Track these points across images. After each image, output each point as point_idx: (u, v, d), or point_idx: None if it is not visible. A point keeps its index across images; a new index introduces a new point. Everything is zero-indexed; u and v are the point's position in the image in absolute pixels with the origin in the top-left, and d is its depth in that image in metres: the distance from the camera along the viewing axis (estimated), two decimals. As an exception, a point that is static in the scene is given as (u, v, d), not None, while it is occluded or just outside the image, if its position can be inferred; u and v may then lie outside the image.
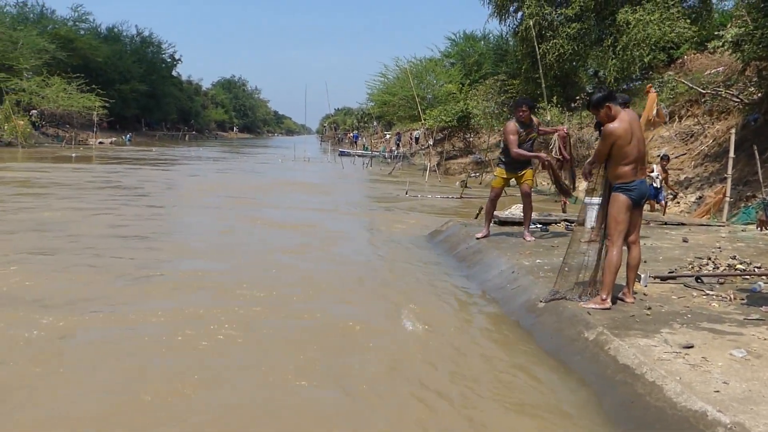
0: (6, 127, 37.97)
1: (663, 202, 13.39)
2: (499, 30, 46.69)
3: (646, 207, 13.28)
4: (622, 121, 5.39)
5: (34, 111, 43.10)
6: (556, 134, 9.01)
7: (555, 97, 22.06)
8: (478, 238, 8.88)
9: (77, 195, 15.11)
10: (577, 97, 23.45)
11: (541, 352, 5.22)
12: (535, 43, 16.42)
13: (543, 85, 13.84)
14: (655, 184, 12.62)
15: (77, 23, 60.98)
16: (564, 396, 4.43)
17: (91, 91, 46.79)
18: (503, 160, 8.84)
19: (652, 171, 12.77)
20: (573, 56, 24.69)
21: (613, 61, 22.63)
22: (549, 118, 15.79)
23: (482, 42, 40.54)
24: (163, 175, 23.54)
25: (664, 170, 13.49)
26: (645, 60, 21.64)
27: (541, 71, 14.17)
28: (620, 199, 5.46)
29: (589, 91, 26.95)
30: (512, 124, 8.51)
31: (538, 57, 15.34)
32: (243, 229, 11.16)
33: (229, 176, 25.03)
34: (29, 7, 58.17)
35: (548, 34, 24.31)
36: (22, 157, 29.37)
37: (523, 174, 8.70)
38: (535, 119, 8.70)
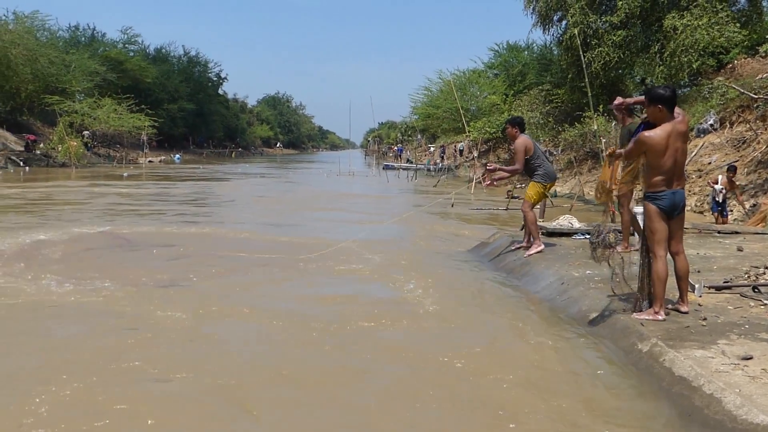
0: (60, 148, 39.03)
1: (727, 216, 12.70)
2: (542, 39, 46.22)
3: (710, 219, 12.93)
4: (661, 131, 5.29)
5: (86, 132, 44.23)
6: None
7: (601, 106, 21.81)
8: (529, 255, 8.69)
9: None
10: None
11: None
12: (580, 52, 16.24)
13: (589, 94, 13.65)
14: (718, 198, 12.23)
15: (127, 45, 62.57)
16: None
17: (140, 111, 47.86)
18: (539, 173, 8.80)
19: (716, 182, 12.35)
20: (619, 64, 24.38)
21: (661, 67, 22.28)
22: (596, 128, 15.58)
23: (526, 52, 40.38)
24: (237, 188, 25.62)
25: (731, 182, 12.84)
26: (693, 66, 21.24)
27: (586, 80, 13.97)
28: (649, 209, 5.40)
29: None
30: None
31: (584, 66, 15.15)
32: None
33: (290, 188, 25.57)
34: (81, 31, 60.03)
35: (593, 42, 24.07)
36: (77, 176, 30.10)
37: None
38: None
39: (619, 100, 5.98)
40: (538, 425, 4.04)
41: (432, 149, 57.44)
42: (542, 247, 8.74)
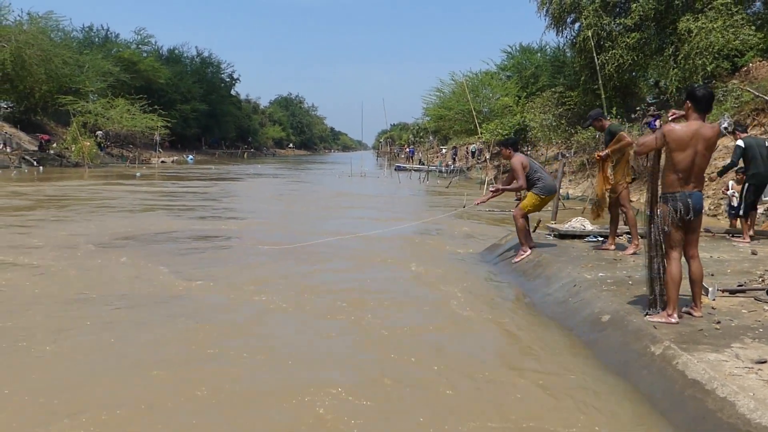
0: (74, 148, 39.26)
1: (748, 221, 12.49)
2: (556, 42, 46.19)
3: (726, 224, 12.77)
4: (686, 127, 5.25)
5: (99, 132, 44.48)
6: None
7: (614, 108, 21.72)
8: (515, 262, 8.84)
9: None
10: (638, 108, 23.02)
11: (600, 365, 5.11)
12: (594, 54, 16.18)
13: (602, 96, 13.59)
14: (733, 203, 12.11)
15: (140, 46, 62.90)
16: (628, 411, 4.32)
17: (153, 112, 48.14)
18: (539, 186, 8.93)
19: (728, 189, 12.21)
20: (633, 66, 24.28)
21: (675, 70, 22.15)
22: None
23: (539, 54, 40.27)
24: (259, 188, 26.41)
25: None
26: (708, 69, 21.08)
27: (600, 82, 13.94)
28: (663, 210, 5.36)
29: (650, 101, 26.47)
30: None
31: (597, 68, 15.09)
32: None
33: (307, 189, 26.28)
34: (95, 32, 60.41)
35: (607, 45, 23.98)
36: (91, 176, 30.27)
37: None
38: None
39: (673, 112, 5.82)
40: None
41: (444, 151, 57.42)
42: (529, 251, 8.90)
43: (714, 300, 6.05)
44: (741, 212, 10.38)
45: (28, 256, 9.28)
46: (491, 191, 9.42)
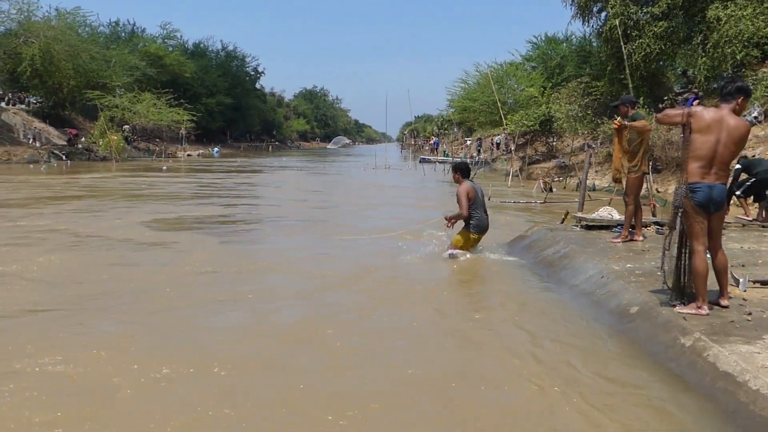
0: (101, 142, 39.71)
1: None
2: (582, 31, 45.71)
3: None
4: (713, 112, 5.18)
5: (126, 126, 44.95)
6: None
7: (641, 98, 21.44)
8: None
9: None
10: (665, 98, 22.70)
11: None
12: (621, 43, 15.96)
13: (630, 86, 13.41)
14: None
15: (166, 40, 63.42)
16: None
17: (179, 106, 48.52)
18: (473, 222, 9.05)
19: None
20: (660, 55, 23.92)
21: (703, 59, 21.80)
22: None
23: (564, 44, 39.92)
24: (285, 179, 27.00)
25: None
26: (737, 57, 20.70)
27: (627, 71, 13.75)
28: (686, 203, 5.28)
29: (678, 91, 26.12)
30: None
31: (625, 57, 14.90)
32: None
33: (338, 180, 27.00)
34: (121, 27, 61.04)
35: (634, 34, 23.65)
36: (117, 169, 30.64)
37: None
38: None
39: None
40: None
41: (468, 142, 57.18)
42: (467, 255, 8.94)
43: (745, 291, 5.96)
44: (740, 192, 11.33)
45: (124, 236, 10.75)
46: (446, 218, 9.26)
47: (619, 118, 8.49)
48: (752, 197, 11.69)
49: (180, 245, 10.27)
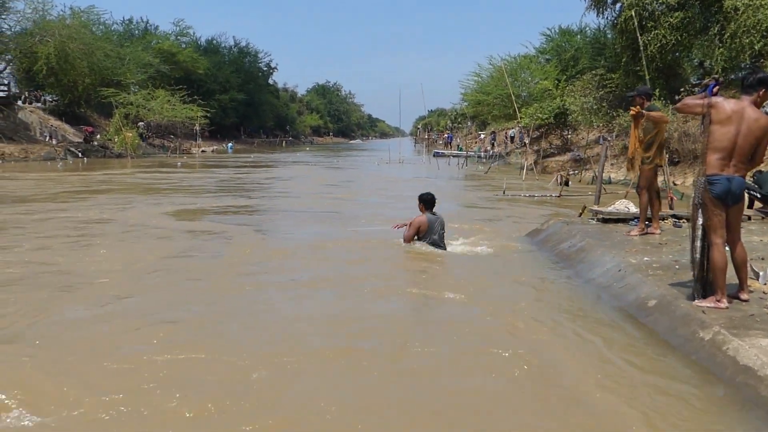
0: (117, 139, 39.95)
1: None
2: (596, 23, 45.32)
3: None
4: (734, 103, 5.13)
5: (141, 123, 45.12)
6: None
7: (657, 90, 21.28)
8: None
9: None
10: (681, 89, 22.50)
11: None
12: (637, 34, 15.80)
13: (646, 78, 13.31)
14: None
15: (179, 37, 63.53)
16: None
17: (192, 102, 48.65)
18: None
19: None
20: (676, 47, 23.72)
21: (720, 50, 21.58)
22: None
23: (579, 36, 39.61)
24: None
25: None
26: (756, 48, 20.44)
27: (644, 63, 13.61)
28: (704, 195, 5.22)
29: (694, 82, 25.88)
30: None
31: (641, 48, 14.78)
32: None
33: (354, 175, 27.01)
34: (134, 24, 61.18)
35: (649, 25, 23.45)
36: (133, 166, 30.82)
37: None
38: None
39: None
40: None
41: (482, 136, 57.01)
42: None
43: (765, 284, 5.90)
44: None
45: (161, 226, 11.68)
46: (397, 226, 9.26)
47: (637, 106, 8.44)
48: None
49: (226, 234, 10.93)
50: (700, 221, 5.50)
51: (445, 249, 8.92)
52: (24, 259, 8.37)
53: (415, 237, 8.89)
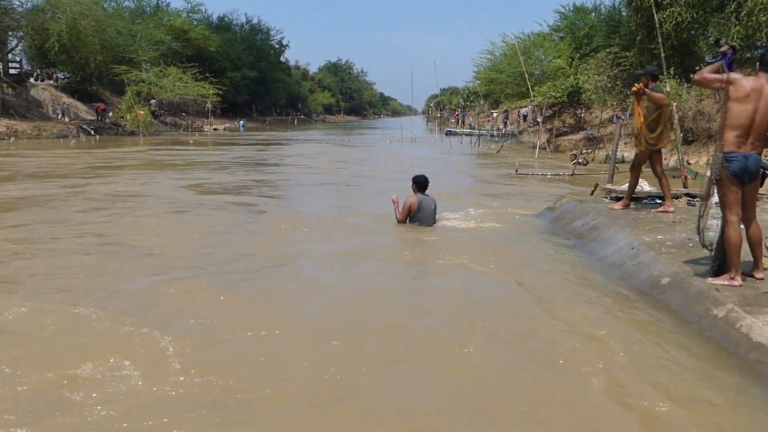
0: (129, 117, 40.01)
1: None
2: (611, 0, 44.86)
3: None
4: (753, 81, 5.09)
5: (153, 100, 45.13)
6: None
7: (672, 68, 21.06)
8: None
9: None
10: (697, 68, 22.24)
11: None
12: (654, 11, 15.63)
13: (662, 55, 13.16)
14: None
15: (190, 14, 63.20)
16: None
17: (204, 80, 48.51)
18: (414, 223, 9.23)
19: None
20: (692, 24, 23.42)
21: (737, 27, 21.28)
22: (669, 89, 15.09)
23: (593, 14, 39.26)
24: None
25: None
26: (772, 25, 20.20)
27: (659, 40, 13.45)
28: (721, 172, 5.19)
29: (710, 61, 25.59)
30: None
31: (657, 26, 14.63)
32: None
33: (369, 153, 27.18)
34: (146, 1, 60.87)
35: (665, 2, 23.14)
36: (145, 143, 30.92)
37: None
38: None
39: None
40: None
41: (495, 115, 56.72)
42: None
43: (779, 262, 5.88)
44: None
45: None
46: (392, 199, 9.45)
47: (639, 84, 8.54)
48: None
49: (257, 208, 11.58)
50: (712, 199, 5.49)
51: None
52: (84, 232, 8.85)
53: (408, 216, 9.14)
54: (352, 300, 5.96)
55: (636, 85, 8.50)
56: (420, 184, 9.19)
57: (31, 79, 41.73)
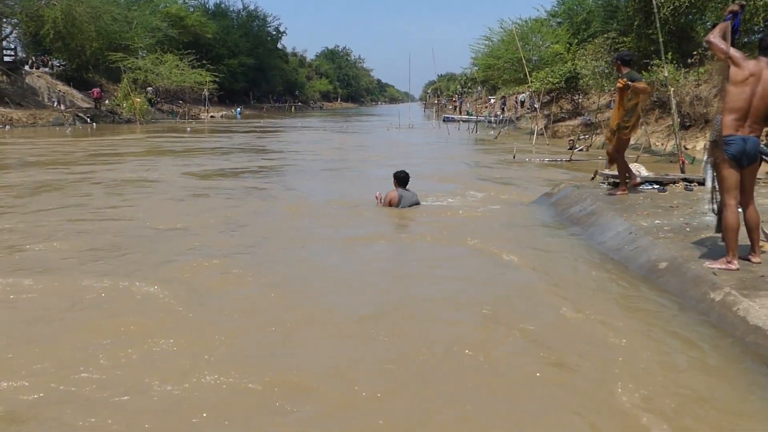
0: (125, 104, 39.86)
1: None
2: (609, -15, 44.66)
3: None
4: (752, 63, 5.09)
5: (149, 88, 44.94)
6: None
7: (670, 54, 21.01)
8: None
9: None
10: (694, 53, 22.22)
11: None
12: (650, -5, 15.61)
13: (659, 40, 13.15)
14: None
15: (186, 1, 62.86)
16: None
17: (201, 67, 48.32)
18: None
19: None
20: (690, 9, 23.36)
21: (735, 2, 21.17)
22: (666, 74, 15.06)
23: (591, -1, 39.05)
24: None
25: None
26: (770, 9, 20.13)
27: (657, 25, 13.44)
28: (719, 155, 5.21)
29: (707, 46, 25.51)
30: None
31: (655, 10, 14.61)
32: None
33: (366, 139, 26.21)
34: (142, -13, 60.53)
35: (662, -13, 23.06)
36: (142, 131, 30.87)
37: None
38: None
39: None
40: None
41: (492, 101, 56.62)
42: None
43: (776, 246, 5.89)
44: None
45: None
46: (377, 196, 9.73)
47: (624, 78, 8.60)
48: None
49: (268, 193, 11.90)
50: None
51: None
52: (105, 216, 9.21)
53: None
54: (378, 286, 6.08)
55: (620, 80, 8.57)
56: (401, 179, 9.51)
57: (26, 67, 41.54)
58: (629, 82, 8.49)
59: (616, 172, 9.52)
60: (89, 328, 4.69)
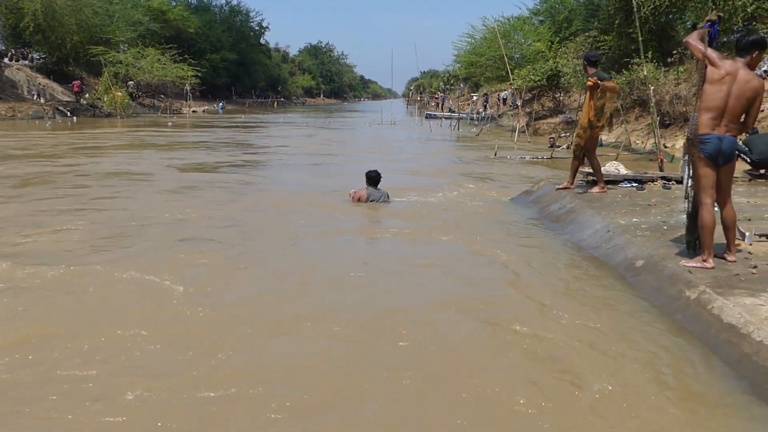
0: (106, 98, 39.52)
1: None
2: (590, -16, 44.93)
3: None
4: (728, 64, 5.16)
5: (131, 82, 44.58)
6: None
7: (650, 52, 21.16)
8: None
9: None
10: (674, 52, 22.40)
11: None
12: (631, -5, 15.73)
13: (639, 39, 13.25)
14: None
15: (169, -6, 62.37)
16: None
17: (183, 61, 48.05)
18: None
19: None
20: (669, 8, 23.53)
21: (713, 12, 21.38)
22: (645, 73, 15.17)
23: (572, -2, 39.23)
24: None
25: None
26: (748, 10, 20.29)
27: (637, 24, 13.55)
28: (694, 154, 5.28)
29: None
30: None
31: (634, 10, 14.72)
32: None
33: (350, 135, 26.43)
34: (123, -19, 59.98)
35: (643, -14, 23.21)
36: (123, 125, 30.60)
37: None
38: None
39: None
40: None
41: (475, 98, 56.72)
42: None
43: (751, 245, 5.97)
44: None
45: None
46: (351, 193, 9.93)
47: (595, 77, 8.81)
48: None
49: (257, 186, 12.28)
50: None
51: None
52: (103, 208, 9.37)
53: None
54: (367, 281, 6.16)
55: (591, 79, 8.72)
56: (372, 178, 9.72)
57: (6, 59, 41.03)
58: (599, 82, 8.63)
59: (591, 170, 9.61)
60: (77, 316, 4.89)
